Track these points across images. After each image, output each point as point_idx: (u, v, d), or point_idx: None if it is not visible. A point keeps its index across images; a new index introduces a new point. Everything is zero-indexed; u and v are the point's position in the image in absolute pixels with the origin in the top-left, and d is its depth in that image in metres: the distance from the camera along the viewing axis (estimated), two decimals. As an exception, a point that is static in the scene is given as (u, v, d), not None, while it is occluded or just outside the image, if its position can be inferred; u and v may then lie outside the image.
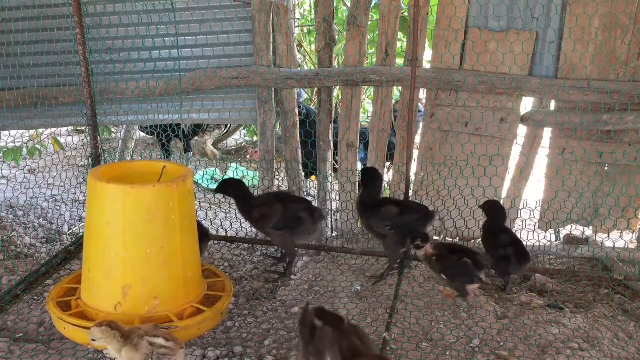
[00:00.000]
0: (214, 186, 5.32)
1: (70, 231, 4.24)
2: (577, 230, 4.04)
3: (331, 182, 4.12)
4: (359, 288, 3.29)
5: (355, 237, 3.98)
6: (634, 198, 3.57)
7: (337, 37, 3.98)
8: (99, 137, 4.02)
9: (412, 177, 3.86)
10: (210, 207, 4.49)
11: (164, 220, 2.62)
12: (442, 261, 3.06)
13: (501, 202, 3.78)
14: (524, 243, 3.34)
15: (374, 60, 4.02)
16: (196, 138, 6.08)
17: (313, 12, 5.40)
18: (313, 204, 3.60)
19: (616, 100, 3.37)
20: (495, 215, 3.36)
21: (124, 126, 5.24)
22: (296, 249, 3.53)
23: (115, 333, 2.28)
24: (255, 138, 6.20)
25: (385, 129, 3.87)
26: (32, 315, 2.98)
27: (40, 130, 5.63)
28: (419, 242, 3.09)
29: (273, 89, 3.91)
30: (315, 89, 5.72)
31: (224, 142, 7.08)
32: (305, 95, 6.16)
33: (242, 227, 4.16)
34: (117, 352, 2.29)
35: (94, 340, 2.30)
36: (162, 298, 2.62)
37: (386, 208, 3.34)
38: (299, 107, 4.32)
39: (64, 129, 7.14)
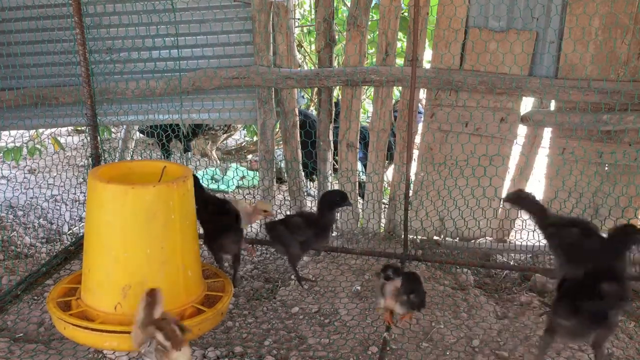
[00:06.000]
0: (214, 186, 5.33)
1: (70, 231, 4.24)
2: (577, 230, 4.03)
3: (331, 182, 4.12)
4: (358, 288, 3.29)
5: (355, 237, 3.98)
6: (634, 198, 3.57)
7: (337, 37, 3.98)
8: (99, 137, 4.02)
9: (412, 177, 3.86)
10: (210, 207, 4.47)
11: (164, 220, 2.62)
12: (415, 289, 2.78)
13: (500, 202, 3.79)
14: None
15: (374, 60, 4.02)
16: (195, 139, 6.07)
17: (313, 12, 5.40)
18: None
19: (616, 100, 3.37)
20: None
21: (124, 126, 5.24)
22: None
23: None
24: (255, 138, 6.20)
25: (385, 129, 3.87)
26: (32, 315, 2.98)
27: (40, 130, 5.63)
28: (390, 274, 2.76)
29: (273, 89, 3.91)
30: (315, 89, 5.72)
31: (224, 142, 7.08)
32: (303, 101, 6.12)
33: (242, 227, 4.15)
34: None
35: None
36: (162, 298, 2.62)
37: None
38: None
39: (64, 129, 7.13)
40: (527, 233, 3.83)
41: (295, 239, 3.24)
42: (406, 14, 4.17)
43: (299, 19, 6.29)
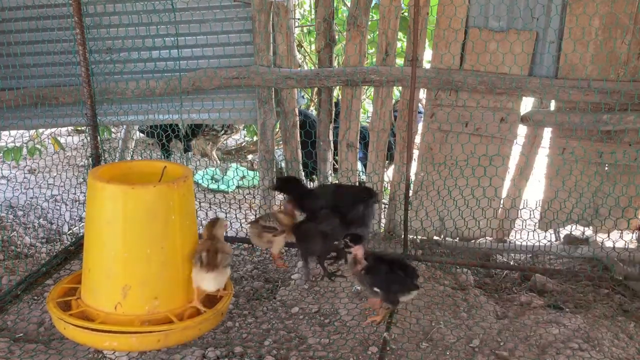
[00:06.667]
0: (214, 186, 5.33)
1: (70, 231, 4.24)
2: (577, 230, 4.04)
3: (331, 182, 4.12)
4: (359, 288, 3.29)
5: (355, 237, 3.97)
6: (634, 198, 3.57)
7: (337, 37, 3.99)
8: (99, 137, 4.02)
9: (412, 177, 3.86)
10: (210, 207, 4.49)
11: (164, 220, 2.62)
12: (373, 274, 2.82)
13: (500, 202, 3.79)
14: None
15: (374, 60, 4.02)
16: (195, 139, 6.07)
17: (313, 12, 5.40)
18: None
19: (616, 100, 3.37)
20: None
21: (124, 126, 5.24)
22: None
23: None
24: (255, 138, 6.20)
25: (385, 129, 3.87)
26: (32, 315, 2.98)
27: (40, 130, 5.63)
28: (347, 241, 2.87)
29: (273, 89, 3.91)
30: (315, 89, 5.73)
31: (224, 142, 7.08)
32: (304, 101, 6.12)
33: (242, 227, 4.16)
34: None
35: None
36: (162, 298, 2.62)
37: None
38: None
39: (64, 129, 7.14)
40: (527, 233, 3.83)
41: (320, 233, 3.19)
42: (406, 14, 4.17)
43: (299, 19, 6.29)
